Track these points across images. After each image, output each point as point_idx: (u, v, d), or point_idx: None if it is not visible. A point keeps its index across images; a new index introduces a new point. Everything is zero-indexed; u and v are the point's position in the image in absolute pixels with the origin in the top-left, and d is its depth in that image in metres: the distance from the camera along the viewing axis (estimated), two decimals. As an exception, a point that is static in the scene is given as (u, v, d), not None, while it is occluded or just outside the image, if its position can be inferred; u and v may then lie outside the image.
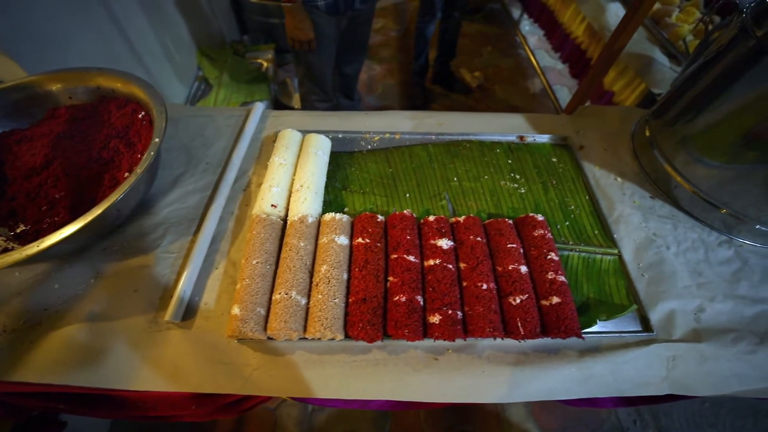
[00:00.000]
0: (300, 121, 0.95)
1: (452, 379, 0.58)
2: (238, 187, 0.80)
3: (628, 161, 0.90)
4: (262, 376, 0.58)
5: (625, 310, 0.65)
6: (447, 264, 0.62)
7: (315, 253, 0.65)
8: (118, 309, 0.63)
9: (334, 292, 0.58)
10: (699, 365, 0.61)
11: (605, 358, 0.61)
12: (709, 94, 0.75)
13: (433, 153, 0.87)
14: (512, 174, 0.84)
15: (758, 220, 0.74)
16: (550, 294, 0.60)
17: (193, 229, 0.73)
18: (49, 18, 1.17)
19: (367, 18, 1.57)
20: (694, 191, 0.79)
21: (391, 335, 0.58)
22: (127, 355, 0.59)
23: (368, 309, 0.57)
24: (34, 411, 0.82)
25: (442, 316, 0.57)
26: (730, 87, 0.70)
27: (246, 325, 0.56)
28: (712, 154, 0.75)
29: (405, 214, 0.68)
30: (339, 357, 0.60)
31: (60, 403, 0.70)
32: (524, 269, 0.63)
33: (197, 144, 0.87)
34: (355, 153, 0.87)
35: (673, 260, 0.74)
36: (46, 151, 0.73)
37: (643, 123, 0.93)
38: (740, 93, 0.69)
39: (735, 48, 0.69)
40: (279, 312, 0.56)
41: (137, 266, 0.68)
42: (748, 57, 0.66)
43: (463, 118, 0.97)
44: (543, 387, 0.58)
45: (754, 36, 0.64)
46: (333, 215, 0.67)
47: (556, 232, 0.76)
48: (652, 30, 1.37)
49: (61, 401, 0.70)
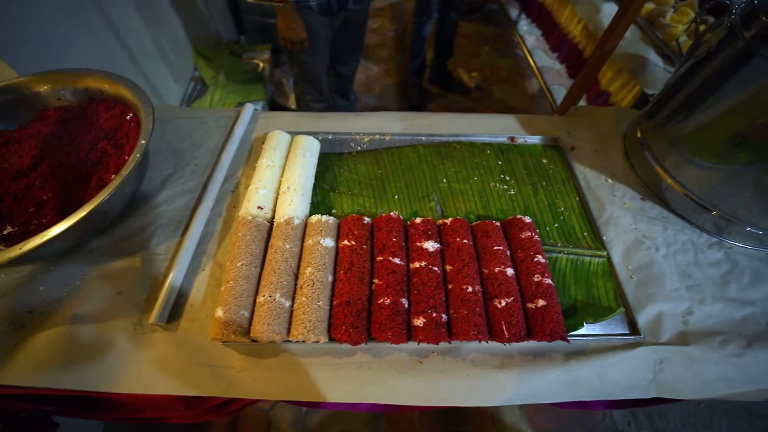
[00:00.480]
0: (291, 122, 0.94)
1: (436, 383, 0.58)
2: (226, 189, 0.80)
3: (620, 162, 0.89)
4: (246, 379, 0.58)
5: (612, 312, 0.65)
6: (432, 266, 0.62)
7: (300, 256, 0.64)
8: (104, 311, 0.63)
9: (318, 294, 0.58)
10: (686, 368, 0.61)
11: (591, 361, 0.61)
12: (699, 95, 0.74)
13: (423, 154, 0.87)
14: (502, 175, 0.84)
15: (748, 222, 0.74)
16: (536, 297, 0.60)
17: (181, 230, 0.73)
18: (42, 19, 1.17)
19: (362, 18, 1.56)
20: (684, 193, 0.78)
21: (375, 338, 0.57)
22: (111, 358, 0.59)
23: (352, 312, 0.57)
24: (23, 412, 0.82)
25: (426, 319, 0.57)
26: (720, 88, 0.70)
27: (229, 328, 0.56)
28: (703, 155, 0.75)
29: (391, 216, 0.68)
30: (323, 360, 0.59)
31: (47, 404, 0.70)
32: (510, 272, 0.63)
33: (186, 145, 0.87)
34: (345, 154, 0.86)
35: (663, 262, 0.73)
36: (34, 153, 0.73)
37: (635, 124, 0.93)
38: (729, 94, 0.69)
39: (724, 49, 0.69)
40: (262, 314, 0.56)
41: (123, 268, 0.68)
42: (737, 58, 0.66)
43: (454, 119, 0.97)
44: (528, 390, 0.58)
45: (742, 37, 0.64)
46: (319, 217, 0.67)
47: (545, 233, 0.76)
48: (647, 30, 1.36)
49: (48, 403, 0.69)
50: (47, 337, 0.59)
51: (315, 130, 0.90)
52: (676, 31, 1.24)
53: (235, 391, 0.57)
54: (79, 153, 0.74)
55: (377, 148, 0.88)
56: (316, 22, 1.33)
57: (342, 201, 0.78)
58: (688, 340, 0.64)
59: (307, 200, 0.72)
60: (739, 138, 0.69)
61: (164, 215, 0.75)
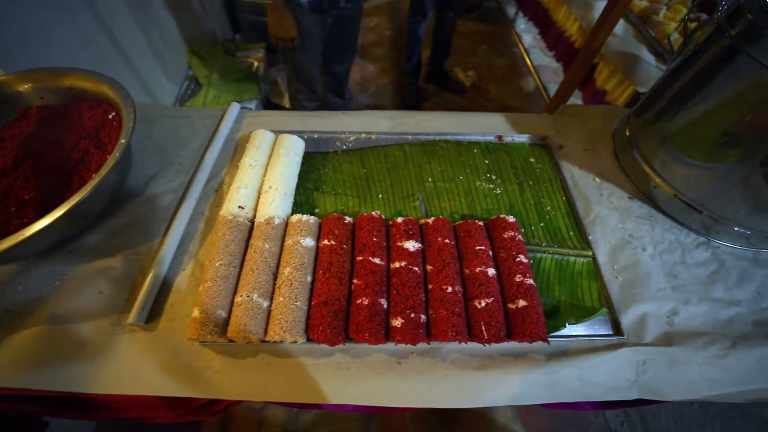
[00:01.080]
0: (277, 121, 0.94)
1: (414, 384, 0.57)
2: (210, 188, 0.79)
3: (608, 161, 0.89)
4: (223, 380, 0.57)
5: (595, 313, 0.64)
6: (413, 266, 0.61)
7: (280, 255, 0.64)
8: (83, 311, 0.62)
9: (296, 294, 0.58)
10: (669, 369, 0.60)
11: (573, 362, 0.60)
12: (686, 93, 0.74)
13: (409, 153, 0.86)
14: (488, 174, 0.83)
15: (736, 221, 0.73)
16: (517, 297, 0.60)
17: (163, 230, 0.73)
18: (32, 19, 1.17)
19: (355, 16, 1.55)
20: (672, 192, 0.77)
21: (353, 339, 0.57)
22: (89, 358, 0.58)
23: (329, 312, 0.56)
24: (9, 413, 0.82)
25: (404, 320, 0.56)
26: (707, 86, 0.69)
27: (205, 328, 0.55)
28: (691, 153, 0.74)
29: (373, 215, 0.67)
30: (301, 360, 0.59)
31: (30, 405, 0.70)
32: (492, 272, 0.62)
33: (171, 144, 0.87)
34: (330, 153, 0.86)
35: (649, 262, 0.73)
36: (16, 152, 0.72)
37: (624, 122, 0.92)
38: (716, 92, 0.68)
39: (711, 47, 0.68)
40: (239, 314, 0.56)
41: (104, 268, 0.67)
42: (723, 56, 0.65)
43: (441, 117, 0.96)
44: (508, 392, 0.58)
45: (728, 35, 0.63)
46: (300, 216, 0.66)
47: (530, 233, 0.75)
48: (640, 28, 1.35)
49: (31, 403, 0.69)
50: (25, 337, 0.59)
51: (302, 129, 0.90)
52: (668, 28, 1.23)
53: (213, 392, 0.57)
54: (61, 152, 0.74)
55: (363, 147, 0.87)
56: (307, 20, 1.33)
57: (326, 200, 0.77)
58: (672, 341, 0.63)
59: (289, 200, 0.72)
60: (727, 136, 0.69)
61: (147, 215, 0.75)
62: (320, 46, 1.50)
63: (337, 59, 1.75)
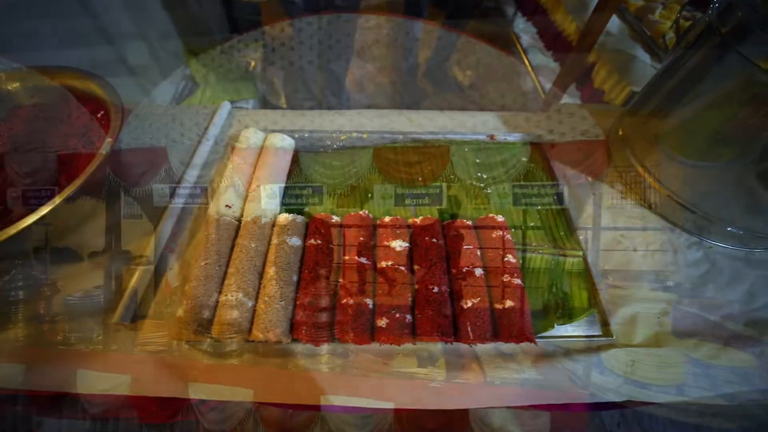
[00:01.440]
0: (269, 120, 0.93)
1: (401, 384, 0.57)
2: (199, 187, 0.79)
3: (601, 161, 0.88)
4: (210, 380, 0.57)
5: (584, 313, 0.64)
6: (399, 266, 0.61)
7: (267, 255, 0.63)
8: (68, 311, 0.62)
9: (282, 294, 0.57)
10: (658, 371, 0.60)
11: (561, 363, 0.59)
12: (678, 92, 0.73)
13: (400, 152, 0.86)
14: (479, 173, 0.83)
15: (729, 221, 0.72)
16: (504, 297, 0.59)
17: (151, 228, 0.72)
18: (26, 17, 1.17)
19: (352, 15, 1.55)
20: (665, 192, 0.77)
21: (338, 339, 0.56)
22: (75, 358, 0.58)
23: (314, 312, 0.56)
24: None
25: (389, 320, 0.56)
26: (698, 85, 0.69)
27: (190, 328, 0.55)
28: (684, 153, 0.74)
29: (361, 214, 0.67)
30: (287, 360, 0.58)
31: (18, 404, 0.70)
32: (479, 272, 0.62)
33: (161, 143, 0.86)
34: (320, 152, 0.85)
35: (641, 262, 0.72)
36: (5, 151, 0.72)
37: (617, 122, 0.91)
38: (708, 91, 0.67)
39: (702, 45, 0.67)
40: (224, 314, 0.55)
41: (90, 267, 0.67)
42: (714, 55, 0.64)
43: (434, 116, 0.95)
44: (495, 393, 0.57)
45: (718, 33, 0.62)
46: (287, 216, 0.66)
47: (520, 233, 0.75)
48: (635, 27, 1.34)
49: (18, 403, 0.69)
50: (8, 338, 0.59)
51: (293, 128, 0.89)
52: (663, 27, 1.22)
53: (198, 392, 0.56)
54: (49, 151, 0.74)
55: (354, 146, 0.87)
56: (303, 19, 1.32)
57: (315, 200, 0.77)
58: (661, 342, 0.62)
59: (276, 199, 0.71)
60: (719, 134, 0.68)
61: (135, 213, 0.74)
62: (317, 45, 1.49)
63: (334, 58, 1.75)
